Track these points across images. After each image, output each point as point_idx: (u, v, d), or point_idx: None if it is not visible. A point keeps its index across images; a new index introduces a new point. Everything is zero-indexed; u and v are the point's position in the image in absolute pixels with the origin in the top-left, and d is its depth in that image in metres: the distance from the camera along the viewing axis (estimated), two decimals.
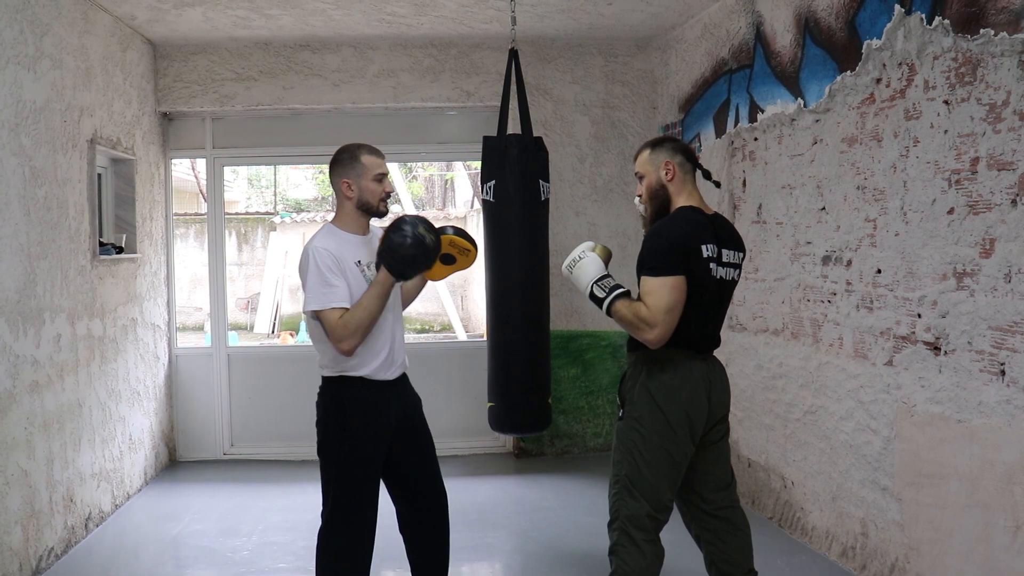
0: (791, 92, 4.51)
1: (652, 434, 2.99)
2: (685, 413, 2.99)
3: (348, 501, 3.18)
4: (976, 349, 3.21)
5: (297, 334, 14.76)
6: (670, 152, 3.13)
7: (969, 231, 3.24)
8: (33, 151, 4.22)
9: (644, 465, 2.99)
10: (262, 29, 5.82)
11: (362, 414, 3.17)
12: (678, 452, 3.01)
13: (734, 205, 5.16)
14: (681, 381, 3.00)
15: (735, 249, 3.13)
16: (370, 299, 3.08)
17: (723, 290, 3.09)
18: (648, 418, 3.00)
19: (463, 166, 17.66)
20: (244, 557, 4.47)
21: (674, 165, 3.10)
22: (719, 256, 3.04)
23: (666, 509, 3.05)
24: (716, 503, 3.17)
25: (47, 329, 4.31)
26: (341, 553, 3.19)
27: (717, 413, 3.11)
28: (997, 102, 3.09)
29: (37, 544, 4.15)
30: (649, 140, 3.24)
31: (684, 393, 2.99)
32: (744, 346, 5.05)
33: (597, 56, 6.44)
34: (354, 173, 3.16)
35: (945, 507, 3.39)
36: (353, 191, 3.17)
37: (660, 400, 2.99)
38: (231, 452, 6.47)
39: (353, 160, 3.17)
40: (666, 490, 3.03)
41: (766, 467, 4.85)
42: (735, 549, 3.17)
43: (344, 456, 3.18)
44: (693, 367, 3.02)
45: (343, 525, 3.18)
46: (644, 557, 2.97)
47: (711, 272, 3.00)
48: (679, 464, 3.04)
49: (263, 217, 17.73)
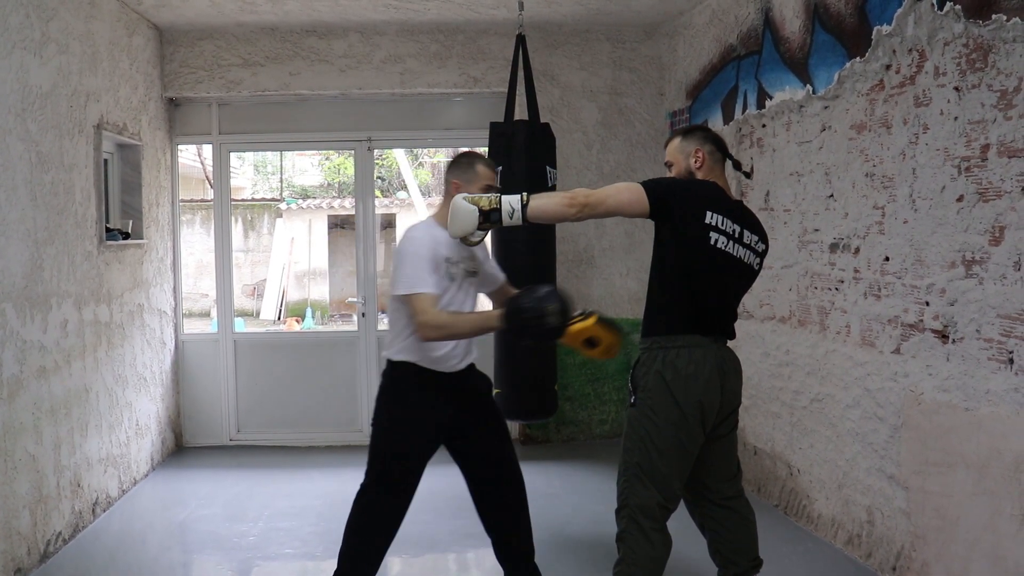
0: (800, 78, 4.48)
1: (666, 423, 2.97)
2: (699, 403, 2.97)
3: (387, 475, 3.35)
4: (984, 337, 3.20)
5: (303, 320, 14.79)
6: (700, 140, 3.15)
7: (978, 219, 3.22)
8: (39, 136, 4.22)
9: (656, 454, 2.98)
10: (269, 14, 5.80)
11: (416, 400, 3.31)
12: (690, 442, 3.00)
13: (742, 192, 5.14)
14: (696, 370, 2.97)
15: (758, 236, 3.10)
16: (470, 321, 3.21)
17: (737, 270, 3.05)
18: (662, 407, 2.98)
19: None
20: (250, 542, 4.49)
21: (704, 153, 3.12)
22: (737, 234, 3.01)
23: (676, 498, 3.04)
24: (722, 493, 3.17)
25: (54, 315, 4.32)
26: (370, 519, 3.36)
27: (729, 404, 3.09)
28: (1008, 88, 3.06)
29: (45, 529, 4.17)
30: (680, 127, 3.25)
31: (699, 383, 2.97)
32: (751, 333, 5.04)
33: (605, 42, 6.41)
34: (465, 177, 3.31)
35: (952, 495, 3.38)
36: (458, 192, 3.31)
37: (675, 389, 2.96)
38: (237, 438, 6.49)
39: (469, 166, 3.34)
40: (677, 479, 3.02)
41: (772, 455, 4.85)
42: (740, 538, 3.17)
43: (391, 434, 3.34)
44: (708, 356, 3.00)
45: (378, 495, 3.36)
46: (652, 546, 2.96)
47: (711, 241, 2.96)
48: (691, 454, 3.03)
49: (269, 203, 17.72)
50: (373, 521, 3.35)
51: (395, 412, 3.33)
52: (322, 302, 16.25)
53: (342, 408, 6.52)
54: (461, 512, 4.60)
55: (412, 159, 18.89)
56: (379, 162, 18.15)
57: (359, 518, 3.37)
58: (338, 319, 15.77)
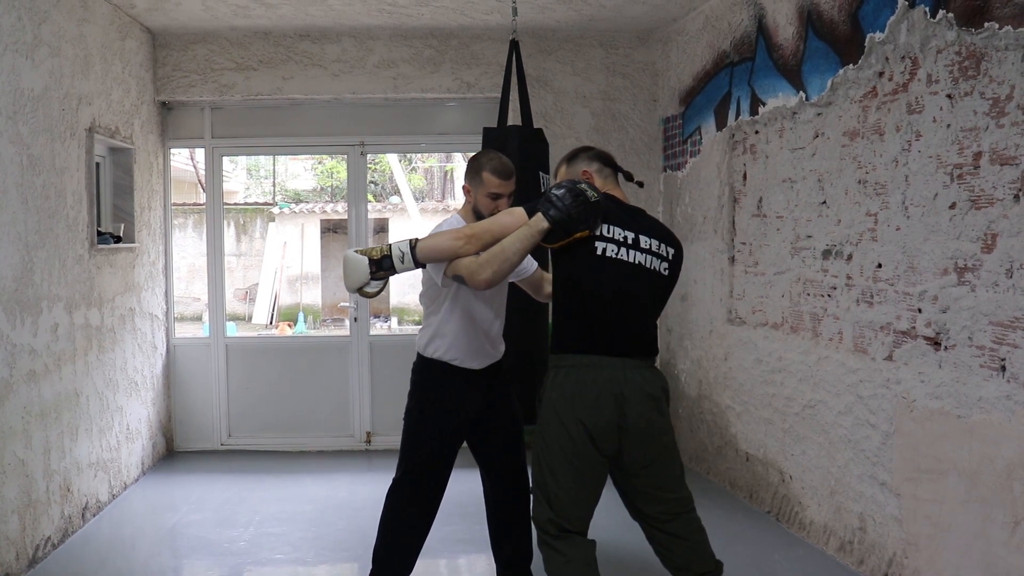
0: (793, 85, 4.49)
1: (553, 443, 2.92)
2: (582, 425, 2.87)
3: (416, 469, 3.44)
4: (977, 344, 3.20)
5: (295, 325, 14.76)
6: (586, 161, 3.18)
7: (971, 226, 3.22)
8: (31, 139, 4.20)
9: (549, 474, 2.93)
10: (262, 18, 5.79)
11: (440, 396, 3.41)
12: (584, 465, 2.91)
13: (735, 199, 5.14)
14: (582, 391, 2.88)
15: (662, 241, 3.04)
16: (511, 241, 2.98)
17: (636, 277, 2.95)
18: (548, 427, 2.93)
19: (463, 157, 17.62)
20: (241, 547, 4.47)
21: (591, 172, 3.14)
22: (630, 240, 2.95)
23: (578, 519, 2.95)
24: (657, 518, 3.03)
25: (44, 318, 4.30)
26: (401, 515, 3.45)
27: (636, 434, 2.90)
28: (1001, 96, 3.07)
29: (34, 533, 4.14)
30: (564, 155, 3.26)
31: (584, 404, 2.87)
32: (743, 340, 5.04)
33: (598, 48, 6.41)
34: (473, 183, 3.39)
35: (944, 502, 3.39)
36: (471, 198, 3.42)
37: (560, 411, 2.90)
38: (228, 443, 6.46)
39: (476, 171, 3.37)
40: (572, 502, 2.93)
41: (764, 461, 4.85)
42: (682, 556, 3.04)
43: (418, 427, 3.44)
44: (599, 377, 2.88)
45: (408, 488, 3.45)
46: (562, 555, 2.91)
47: (596, 250, 2.91)
48: (588, 476, 2.93)
49: (262, 208, 17.68)
50: (404, 519, 3.44)
51: (424, 405, 3.43)
52: (314, 307, 16.22)
53: (334, 413, 6.50)
54: (452, 518, 4.59)
55: (405, 164, 18.89)
56: (372, 167, 18.16)
57: (390, 516, 3.46)
58: (330, 324, 15.75)
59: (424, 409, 3.43)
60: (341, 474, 5.76)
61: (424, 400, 3.44)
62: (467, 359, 3.40)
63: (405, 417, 3.48)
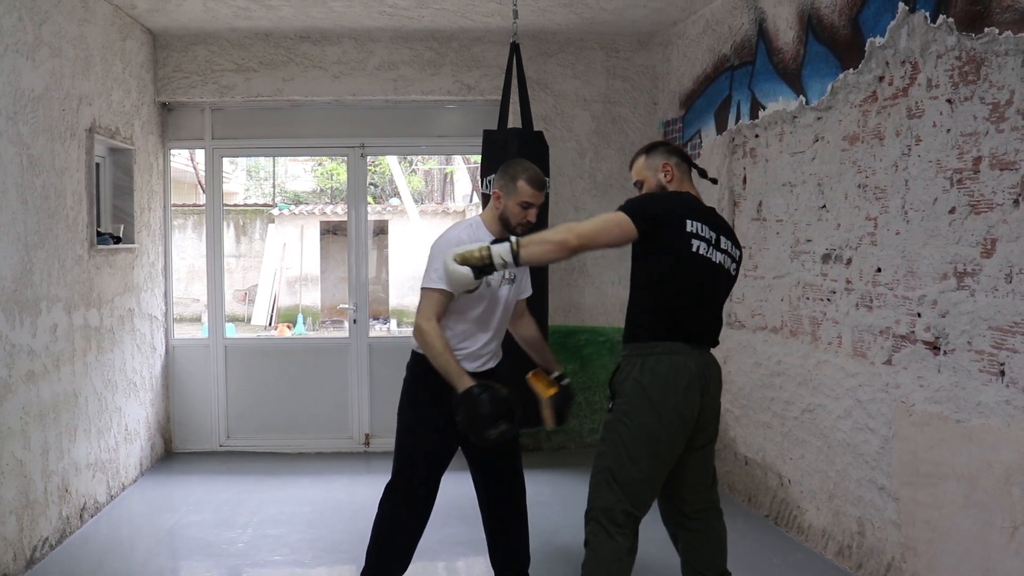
0: (793, 89, 4.49)
1: (640, 429, 2.96)
2: (678, 411, 2.97)
3: (408, 467, 3.43)
4: (976, 349, 3.20)
5: (294, 326, 14.76)
6: (665, 155, 3.21)
7: (970, 231, 3.23)
8: (31, 140, 4.20)
9: (629, 460, 2.96)
10: (263, 20, 5.79)
11: (433, 395, 3.35)
12: (666, 450, 2.99)
13: (734, 202, 5.15)
14: (676, 377, 2.97)
15: (733, 243, 3.14)
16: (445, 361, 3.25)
17: (717, 276, 3.07)
18: (638, 412, 2.97)
19: (463, 160, 17.63)
20: (239, 549, 4.47)
21: (671, 166, 3.19)
22: (714, 240, 3.04)
23: (645, 506, 3.02)
24: (695, 505, 3.14)
25: (43, 319, 4.29)
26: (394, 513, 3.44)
27: (709, 415, 3.08)
28: (1000, 101, 3.08)
29: (32, 534, 4.14)
30: (641, 147, 3.29)
31: (679, 390, 2.96)
32: (742, 343, 5.04)
33: (598, 51, 6.42)
34: (506, 190, 3.37)
35: (942, 507, 3.39)
36: (500, 203, 3.39)
37: (653, 396, 2.96)
38: (227, 444, 6.45)
39: (512, 179, 3.36)
40: (648, 488, 3.00)
41: (763, 465, 4.85)
42: (709, 551, 3.14)
43: (410, 424, 3.45)
44: (689, 363, 2.99)
45: (401, 488, 3.44)
46: (616, 547, 2.94)
47: (692, 247, 2.99)
48: (665, 462, 3.01)
49: (261, 209, 17.67)
50: (398, 521, 3.43)
51: (416, 405, 3.43)
52: (313, 308, 16.21)
53: (332, 414, 6.50)
54: (451, 520, 4.59)
55: (405, 166, 18.89)
56: (372, 168, 18.15)
57: (383, 515, 3.45)
58: (329, 325, 15.74)
59: (417, 406, 3.42)
60: (340, 476, 5.76)
61: (417, 397, 3.43)
62: (464, 360, 3.38)
63: (398, 414, 3.49)
